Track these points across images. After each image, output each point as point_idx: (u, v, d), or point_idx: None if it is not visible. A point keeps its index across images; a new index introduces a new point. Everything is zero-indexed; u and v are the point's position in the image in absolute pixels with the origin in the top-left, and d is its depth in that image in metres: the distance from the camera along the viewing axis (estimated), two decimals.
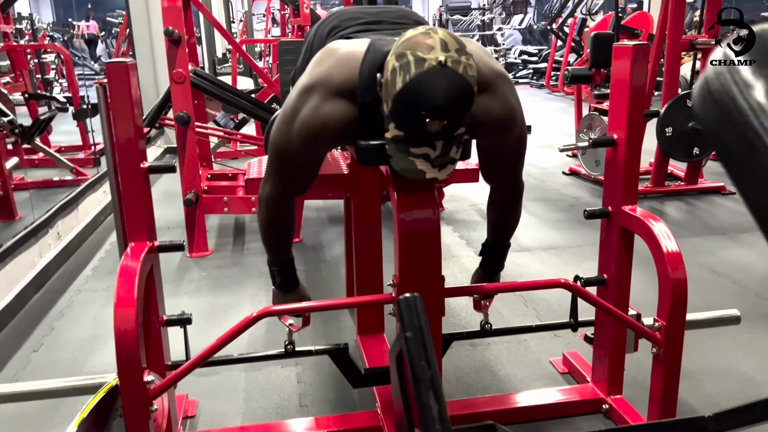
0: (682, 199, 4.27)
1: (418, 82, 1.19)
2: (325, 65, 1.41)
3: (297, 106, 1.40)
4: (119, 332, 1.37)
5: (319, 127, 1.38)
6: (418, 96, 1.19)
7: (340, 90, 1.38)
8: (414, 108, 1.20)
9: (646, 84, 1.75)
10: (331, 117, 1.38)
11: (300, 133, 1.40)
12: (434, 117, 1.19)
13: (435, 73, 1.18)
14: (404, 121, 1.23)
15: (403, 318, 0.59)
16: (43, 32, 9.43)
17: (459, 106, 1.21)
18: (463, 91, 1.21)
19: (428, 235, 1.48)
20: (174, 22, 3.16)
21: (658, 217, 1.70)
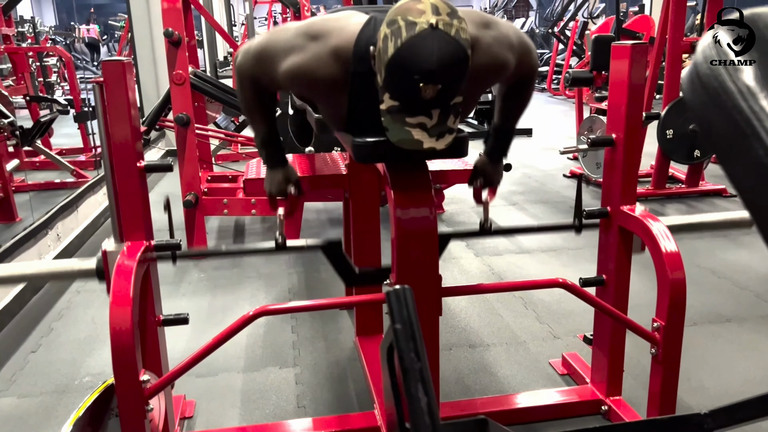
0: (683, 201, 4.26)
1: (409, 45, 1.17)
2: (330, 24, 1.41)
3: (296, 44, 1.39)
4: (115, 331, 1.37)
5: (309, 78, 1.38)
6: (410, 60, 1.17)
7: (337, 52, 1.37)
8: (407, 73, 1.18)
9: (644, 84, 1.74)
10: (324, 71, 1.37)
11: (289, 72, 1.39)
12: (428, 81, 1.17)
13: (426, 36, 1.17)
14: (398, 88, 1.22)
15: (392, 310, 0.58)
16: (45, 35, 9.45)
17: (453, 69, 1.19)
18: (456, 53, 1.19)
19: (425, 233, 1.48)
20: (174, 23, 3.17)
21: (656, 217, 1.69)
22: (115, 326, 1.38)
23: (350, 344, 2.43)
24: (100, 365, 2.31)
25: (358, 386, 2.14)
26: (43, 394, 2.13)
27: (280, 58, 1.41)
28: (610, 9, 12.34)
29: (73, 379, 2.22)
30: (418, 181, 1.51)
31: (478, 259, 3.28)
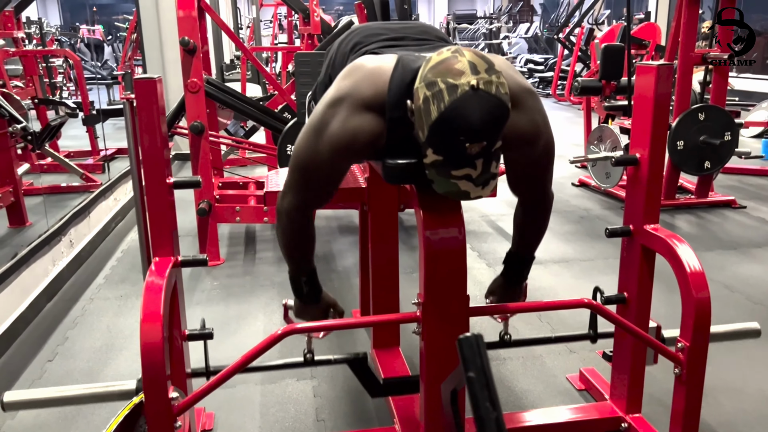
0: (693, 212, 4.26)
1: (453, 109, 1.19)
2: (352, 78, 1.41)
3: (325, 118, 1.40)
4: (146, 349, 1.37)
5: (347, 139, 1.38)
6: (455, 123, 1.19)
7: (368, 103, 1.38)
8: (452, 135, 1.20)
9: (669, 103, 1.75)
10: (360, 130, 1.38)
11: (328, 145, 1.40)
12: (474, 141, 1.19)
13: (469, 98, 1.18)
14: (443, 147, 1.23)
15: (465, 357, 0.59)
16: (51, 36, 9.45)
17: (496, 125, 1.22)
18: (498, 110, 1.21)
19: (454, 253, 1.48)
20: (189, 31, 3.17)
21: (681, 238, 1.69)
22: (146, 343, 1.38)
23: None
24: (117, 375, 2.31)
25: (377, 400, 2.14)
26: None
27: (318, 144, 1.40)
28: (615, 15, 12.37)
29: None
30: (447, 201, 1.51)
31: (491, 269, 3.28)
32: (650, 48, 7.55)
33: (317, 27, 4.58)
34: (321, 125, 1.40)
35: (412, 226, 4.02)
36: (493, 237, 3.83)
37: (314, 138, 1.41)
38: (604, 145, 4.42)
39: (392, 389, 1.81)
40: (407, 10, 3.54)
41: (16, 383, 2.27)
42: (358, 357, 1.73)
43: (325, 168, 1.44)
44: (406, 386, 1.80)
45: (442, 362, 1.49)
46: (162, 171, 1.53)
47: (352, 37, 1.67)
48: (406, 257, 3.37)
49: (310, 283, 1.66)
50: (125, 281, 3.20)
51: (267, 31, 11.83)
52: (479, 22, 15.88)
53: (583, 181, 5.01)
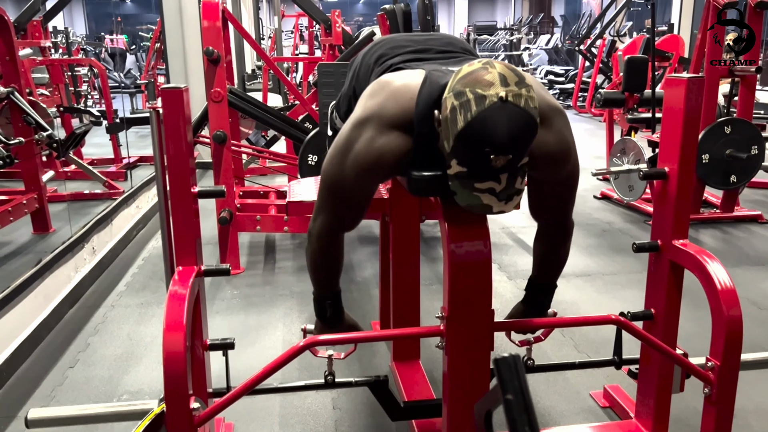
0: (718, 227, 4.19)
1: (480, 120, 1.17)
2: (379, 97, 1.40)
3: (351, 138, 1.39)
4: (168, 359, 1.37)
5: (374, 159, 1.37)
6: (481, 134, 1.17)
7: (395, 122, 1.36)
8: (478, 146, 1.18)
9: (699, 117, 1.72)
10: (387, 149, 1.37)
11: (355, 165, 1.39)
12: (499, 153, 1.17)
13: (497, 109, 1.17)
14: (468, 158, 1.21)
15: (503, 379, 0.57)
16: (77, 45, 9.61)
17: (523, 139, 1.19)
18: (526, 124, 1.19)
19: (479, 266, 1.46)
20: (213, 42, 3.20)
21: (711, 254, 1.66)
22: (169, 353, 1.38)
23: (386, 368, 2.41)
24: (138, 383, 2.31)
25: None
26: None
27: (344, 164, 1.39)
28: (637, 27, 12.29)
29: (111, 397, 2.23)
30: (472, 213, 1.49)
31: (512, 282, 3.25)
32: (673, 60, 7.49)
33: (339, 38, 4.60)
34: (347, 146, 1.39)
35: (432, 237, 4.00)
36: (514, 249, 3.79)
37: (341, 159, 1.40)
38: (627, 157, 4.37)
39: (412, 413, 1.79)
40: (430, 21, 3.54)
41: (38, 389, 2.28)
42: (379, 380, 1.71)
43: (353, 188, 1.43)
44: (427, 410, 1.79)
45: (467, 378, 1.47)
46: (187, 180, 1.54)
47: (376, 49, 1.66)
48: (426, 269, 3.35)
49: (334, 305, 1.64)
50: (146, 289, 3.22)
51: (288, 42, 11.93)
52: (499, 34, 15.87)
53: (605, 193, 4.95)
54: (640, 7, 12.18)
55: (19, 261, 3.50)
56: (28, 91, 4.43)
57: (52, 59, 5.82)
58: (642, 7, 12.25)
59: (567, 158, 1.44)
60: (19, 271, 2.73)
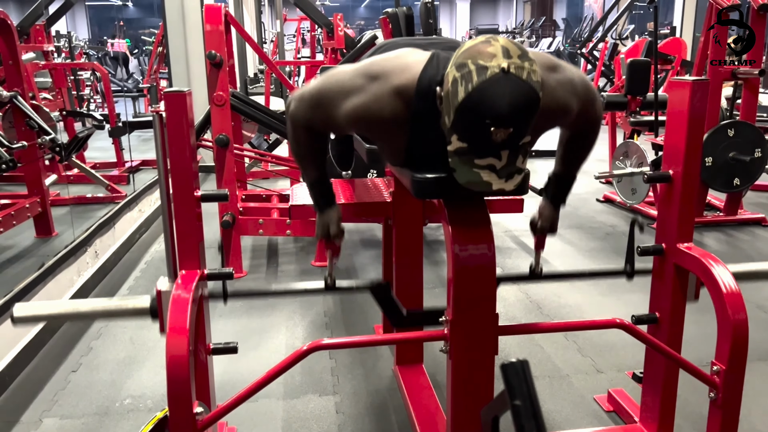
0: (722, 230, 4.18)
1: (481, 90, 1.16)
2: (392, 63, 1.41)
3: (355, 85, 1.39)
4: (171, 363, 1.36)
5: (368, 117, 1.39)
6: (481, 105, 1.16)
7: (398, 91, 1.37)
8: (478, 117, 1.17)
9: (704, 120, 1.71)
10: (384, 113, 1.37)
11: (348, 113, 1.39)
12: (499, 125, 1.16)
13: (498, 80, 1.16)
14: (468, 131, 1.20)
15: (510, 384, 0.56)
16: (80, 50, 9.63)
17: (525, 112, 1.18)
18: (528, 97, 1.18)
19: (483, 270, 1.45)
20: (216, 45, 3.20)
21: (716, 257, 1.65)
22: (172, 357, 1.37)
23: (389, 373, 2.40)
24: (141, 388, 2.31)
25: (400, 417, 2.11)
26: (85, 416, 2.14)
27: (340, 100, 1.41)
28: (639, 30, 12.29)
29: (114, 401, 2.22)
30: (476, 216, 1.49)
31: (515, 285, 3.24)
32: (676, 63, 7.47)
33: (341, 41, 4.60)
34: (349, 89, 1.40)
35: (434, 240, 3.99)
36: (517, 253, 3.79)
37: (339, 94, 1.41)
38: (630, 160, 4.36)
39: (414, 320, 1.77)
40: (432, 24, 3.54)
41: (41, 393, 2.28)
42: (381, 284, 1.70)
43: (335, 122, 1.44)
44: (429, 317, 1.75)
45: (471, 382, 1.46)
46: (190, 184, 1.53)
47: (379, 51, 1.66)
48: (429, 272, 3.34)
49: (320, 186, 1.62)
50: (149, 292, 3.20)
51: (290, 45, 11.94)
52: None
53: (608, 196, 4.94)
54: (642, 10, 12.18)
55: (22, 265, 3.49)
56: (31, 94, 4.44)
57: (55, 63, 5.83)
58: (644, 10, 12.26)
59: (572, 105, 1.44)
60: (22, 275, 2.73)
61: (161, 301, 1.52)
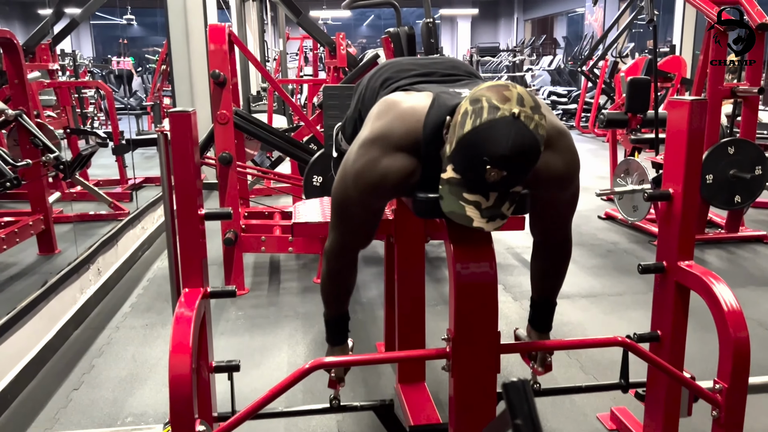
0: (723, 247, 4.18)
1: (487, 127, 1.18)
2: (386, 119, 1.41)
3: (357, 159, 1.41)
4: (174, 381, 1.36)
5: (377, 179, 1.39)
6: (484, 141, 1.18)
7: (400, 144, 1.38)
8: (477, 153, 1.19)
9: (703, 138, 1.73)
10: (391, 170, 1.38)
11: (358, 185, 1.41)
12: (495, 166, 1.18)
13: (506, 122, 1.18)
14: (464, 164, 1.22)
15: (512, 404, 0.57)
16: (84, 68, 9.71)
17: (523, 160, 1.20)
18: (530, 146, 1.20)
19: (485, 288, 1.46)
20: (220, 65, 3.23)
21: (717, 275, 1.66)
22: (175, 375, 1.38)
23: (391, 391, 2.40)
24: (142, 405, 2.30)
25: None
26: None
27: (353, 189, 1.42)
28: (639, 48, 12.37)
29: (116, 419, 2.22)
30: (478, 234, 1.50)
31: (517, 303, 3.24)
32: (676, 81, 7.52)
33: (343, 60, 4.65)
34: (353, 166, 1.41)
35: (436, 258, 4.00)
36: (519, 270, 3.79)
37: (347, 180, 1.43)
38: (631, 178, 4.37)
39: None
40: (434, 43, 3.58)
41: (42, 411, 2.27)
42: (385, 404, 1.72)
43: (358, 209, 1.46)
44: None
45: (473, 401, 1.46)
46: (194, 202, 1.55)
47: (381, 72, 1.68)
48: (430, 290, 3.33)
49: (336, 326, 1.67)
50: (151, 310, 3.22)
51: (292, 64, 12.03)
52: (502, 55, 15.99)
53: (609, 214, 4.95)
54: (642, 28, 12.27)
55: (25, 282, 3.50)
56: (36, 113, 4.48)
57: (60, 82, 5.88)
58: (644, 29, 12.34)
59: (573, 179, 1.46)
60: (25, 292, 2.74)
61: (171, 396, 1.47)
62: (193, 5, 5.65)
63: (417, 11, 21.50)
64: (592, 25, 16.31)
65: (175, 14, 5.62)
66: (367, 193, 1.42)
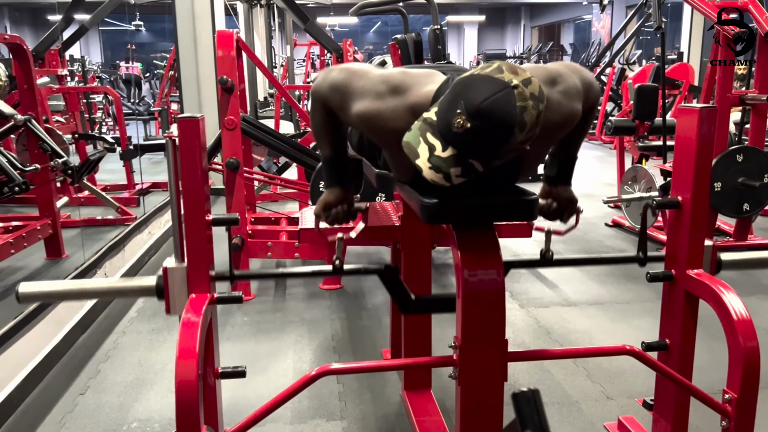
0: None
1: (478, 80, 1.21)
2: (410, 81, 1.45)
3: (377, 90, 1.44)
4: (180, 387, 1.36)
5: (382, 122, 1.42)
6: (469, 88, 1.20)
7: (413, 107, 1.41)
8: (457, 97, 1.20)
9: (712, 146, 1.72)
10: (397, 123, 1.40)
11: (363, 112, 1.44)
12: (464, 113, 1.18)
13: (498, 83, 1.19)
14: (442, 105, 1.24)
15: (522, 414, 0.57)
16: (92, 73, 9.77)
17: (491, 123, 1.18)
18: (505, 115, 1.17)
19: (492, 295, 1.46)
20: (228, 71, 3.24)
21: (727, 284, 1.65)
22: (181, 381, 1.37)
23: (397, 398, 2.39)
24: (148, 411, 2.30)
25: None
26: None
27: (356, 97, 1.46)
28: (646, 55, 12.35)
29: (121, 425, 2.22)
30: (485, 241, 1.50)
31: (524, 310, 3.22)
32: (683, 88, 7.50)
33: None
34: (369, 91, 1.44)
35: (442, 264, 3.99)
36: (526, 277, 3.77)
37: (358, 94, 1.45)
38: (639, 185, 4.36)
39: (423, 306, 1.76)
40: (441, 50, 3.58)
41: (48, 416, 2.27)
42: (390, 267, 1.69)
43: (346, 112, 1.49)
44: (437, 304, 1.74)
45: (480, 408, 1.45)
46: (201, 207, 1.55)
47: None
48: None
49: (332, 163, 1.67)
50: (157, 315, 3.22)
51: (299, 70, 12.08)
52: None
53: (616, 221, 4.93)
54: (649, 35, 12.26)
55: None
56: (45, 118, 4.51)
57: (69, 87, 5.91)
58: (651, 36, 12.34)
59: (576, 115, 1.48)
60: None
61: (168, 280, 1.52)
62: (201, 11, 5.68)
63: (423, 18, 21.56)
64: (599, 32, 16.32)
65: (183, 20, 5.65)
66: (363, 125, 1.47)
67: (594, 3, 15.94)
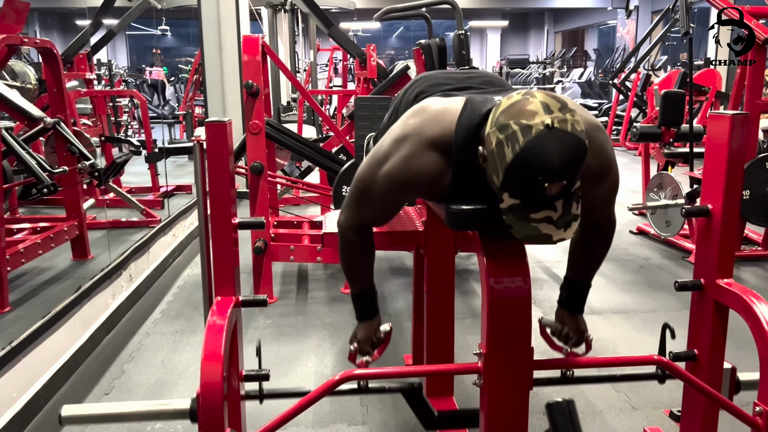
0: (760, 264, 4.08)
1: (528, 149, 1.16)
2: (420, 117, 1.42)
3: (389, 152, 1.41)
4: (205, 389, 1.37)
5: (410, 177, 1.39)
6: (532, 164, 1.16)
7: (434, 143, 1.38)
8: (530, 175, 1.17)
9: (744, 154, 1.69)
10: (423, 169, 1.38)
11: (388, 179, 1.41)
12: (552, 180, 1.16)
13: (544, 137, 1.16)
14: (520, 189, 1.20)
15: (556, 424, 0.55)
16: (119, 77, 9.92)
17: (575, 163, 1.18)
18: (576, 148, 1.18)
19: (519, 302, 1.44)
20: (253, 75, 3.27)
21: (758, 294, 1.61)
22: (206, 383, 1.38)
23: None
24: None
25: None
26: None
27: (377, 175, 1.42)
28: (672, 61, 12.21)
29: (146, 425, 2.24)
30: (511, 248, 1.48)
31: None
32: (710, 95, 7.39)
33: (373, 71, 4.67)
34: (385, 158, 1.42)
35: (464, 270, 3.97)
36: (549, 284, 3.74)
37: (375, 169, 1.43)
38: (665, 192, 4.30)
39: (446, 422, 1.75)
40: (465, 55, 3.57)
41: None
42: (414, 386, 1.68)
43: (381, 198, 1.47)
44: (461, 420, 1.74)
45: (505, 417, 1.44)
46: (228, 211, 1.56)
47: (416, 86, 1.68)
48: (459, 302, 3.30)
49: (361, 300, 1.67)
50: (181, 316, 3.25)
51: (322, 75, 12.14)
52: (532, 67, 15.92)
53: (641, 228, 4.87)
54: (675, 41, 12.12)
55: (59, 287, 3.56)
56: (73, 121, 4.58)
57: (96, 91, 6.00)
58: (677, 41, 12.19)
59: (609, 172, 1.45)
60: (59, 297, 2.79)
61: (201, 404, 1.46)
62: (226, 16, 5.74)
63: (445, 23, 21.56)
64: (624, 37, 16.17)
65: (208, 25, 5.71)
66: (395, 190, 1.43)
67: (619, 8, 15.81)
